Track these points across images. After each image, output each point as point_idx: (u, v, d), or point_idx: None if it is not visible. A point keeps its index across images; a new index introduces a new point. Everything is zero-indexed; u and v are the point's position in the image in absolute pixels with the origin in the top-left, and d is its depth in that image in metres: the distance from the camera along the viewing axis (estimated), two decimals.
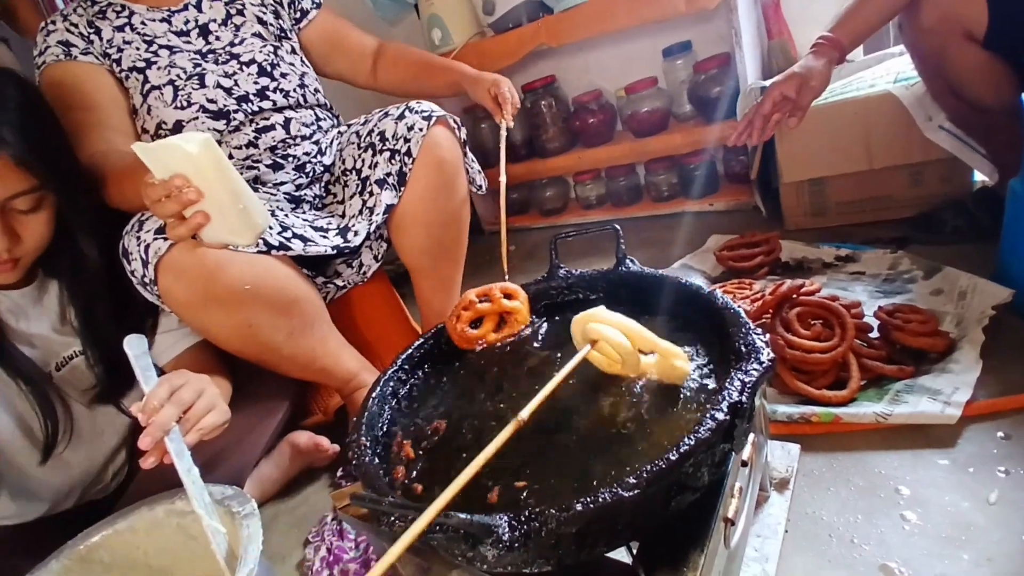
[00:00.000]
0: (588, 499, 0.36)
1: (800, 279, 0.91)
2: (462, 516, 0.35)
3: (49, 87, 0.95)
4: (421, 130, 0.96)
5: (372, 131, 1.02)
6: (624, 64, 1.75)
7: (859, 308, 0.88)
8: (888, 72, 1.21)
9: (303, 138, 1.08)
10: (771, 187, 1.38)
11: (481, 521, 0.35)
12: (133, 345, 0.68)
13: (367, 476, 0.47)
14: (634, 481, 0.36)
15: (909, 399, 0.74)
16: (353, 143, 1.05)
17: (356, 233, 0.96)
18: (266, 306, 0.87)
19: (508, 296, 0.71)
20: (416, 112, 0.98)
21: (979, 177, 1.14)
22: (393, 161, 0.98)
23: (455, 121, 1.02)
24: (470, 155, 1.07)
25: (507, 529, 0.36)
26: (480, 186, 1.10)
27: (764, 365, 0.43)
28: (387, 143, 0.99)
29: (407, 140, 0.97)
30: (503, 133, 1.03)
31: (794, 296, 0.88)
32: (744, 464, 0.48)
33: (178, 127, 0.98)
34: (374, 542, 0.63)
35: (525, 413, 0.42)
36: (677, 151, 1.63)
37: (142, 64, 0.98)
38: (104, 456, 0.90)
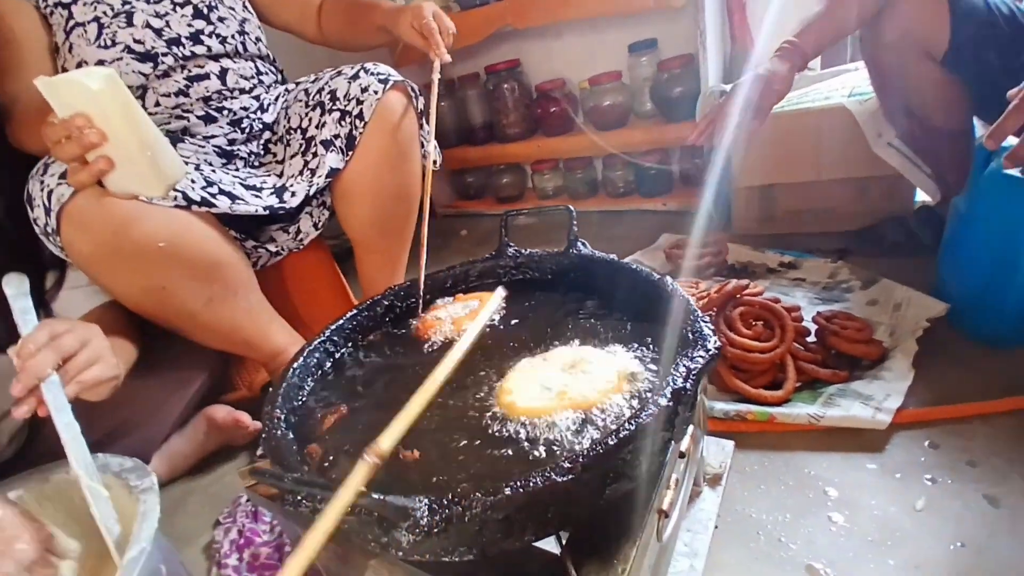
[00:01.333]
0: (518, 483, 0.33)
1: (745, 280, 0.92)
2: (375, 497, 0.31)
3: None
4: (376, 93, 0.90)
5: (322, 89, 0.95)
6: (589, 56, 1.73)
7: (799, 312, 0.89)
8: (843, 86, 1.24)
9: (241, 91, 0.99)
10: (721, 191, 1.39)
11: (396, 503, 0.31)
12: (12, 284, 0.62)
13: (277, 451, 0.42)
14: (568, 465, 0.33)
15: (842, 403, 0.75)
16: (301, 100, 0.97)
17: (293, 194, 0.89)
18: (182, 268, 0.80)
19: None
20: (372, 74, 0.92)
21: (921, 196, 1.19)
22: (343, 123, 0.91)
23: (413, 89, 0.96)
24: (427, 126, 1.02)
25: (426, 512, 0.32)
26: (435, 161, 1.05)
27: (710, 353, 0.41)
28: (338, 103, 0.92)
29: (360, 102, 0.90)
30: (435, 74, 0.90)
31: (738, 296, 0.88)
32: (682, 456, 0.46)
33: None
34: (284, 524, 0.58)
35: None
36: (635, 148, 1.62)
37: None
38: None
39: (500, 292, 0.59)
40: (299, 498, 0.36)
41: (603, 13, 1.48)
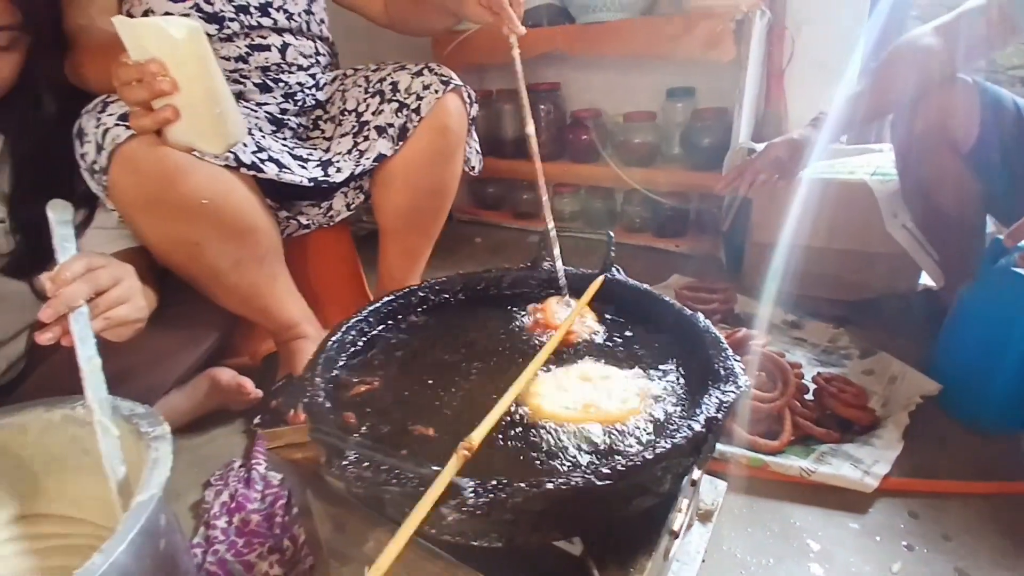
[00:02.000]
0: (560, 480, 0.35)
1: (756, 331, 0.95)
2: (434, 468, 0.33)
3: None
4: (436, 92, 0.93)
5: (384, 79, 0.97)
6: (627, 92, 1.78)
7: (800, 369, 0.93)
8: (868, 164, 1.29)
9: (299, 67, 1.02)
10: (735, 242, 1.44)
11: (452, 480, 0.33)
12: (57, 210, 0.62)
13: (318, 415, 0.44)
14: (607, 471, 0.36)
15: (832, 462, 0.78)
16: (360, 86, 1.00)
17: (339, 170, 0.91)
18: (219, 227, 0.81)
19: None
20: (435, 74, 0.95)
21: (925, 279, 1.23)
22: (400, 114, 0.94)
23: (470, 95, 0.99)
24: (474, 133, 1.05)
25: (472, 493, 0.34)
26: (474, 167, 1.08)
27: (740, 388, 0.44)
28: (398, 95, 0.95)
29: (420, 98, 0.93)
30: (515, 50, 0.81)
31: (746, 344, 0.91)
32: (693, 484, 0.49)
33: None
34: (296, 488, 0.59)
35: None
36: (658, 187, 1.67)
37: None
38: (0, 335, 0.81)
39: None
40: (349, 462, 0.37)
41: (652, 55, 1.53)
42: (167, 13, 0.90)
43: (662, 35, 1.47)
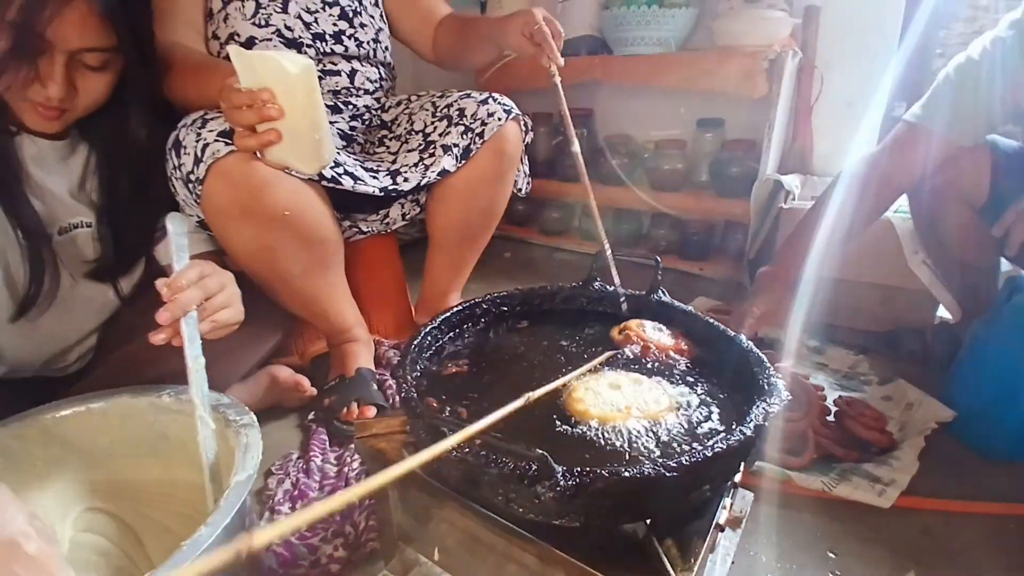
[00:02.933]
0: (635, 469, 0.42)
1: (787, 360, 1.02)
2: (539, 451, 0.40)
3: None
4: (500, 119, 1.02)
5: (451, 104, 1.06)
6: (658, 120, 1.87)
7: (823, 392, 0.99)
8: None
9: (366, 92, 1.11)
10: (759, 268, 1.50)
11: (549, 461, 0.40)
12: (176, 223, 0.68)
13: (418, 406, 0.51)
14: (675, 464, 0.42)
15: (852, 479, 0.84)
16: (427, 110, 1.09)
17: (407, 180, 0.98)
18: (295, 236, 0.89)
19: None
20: (499, 103, 1.04)
21: (942, 312, 1.29)
22: (465, 136, 1.02)
23: (526, 123, 1.08)
24: (526, 158, 1.13)
25: (562, 477, 0.41)
26: (521, 189, 1.16)
27: (782, 401, 0.51)
28: (464, 119, 1.03)
29: (484, 124, 1.02)
30: (556, 79, 0.90)
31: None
32: (735, 486, 0.55)
33: (250, 43, 1.00)
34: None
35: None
36: (684, 213, 1.74)
37: None
38: (77, 334, 0.87)
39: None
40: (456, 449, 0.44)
41: (687, 86, 1.61)
42: (251, 37, 0.99)
43: (696, 69, 1.56)
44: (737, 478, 0.53)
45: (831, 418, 0.96)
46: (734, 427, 0.48)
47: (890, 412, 1.01)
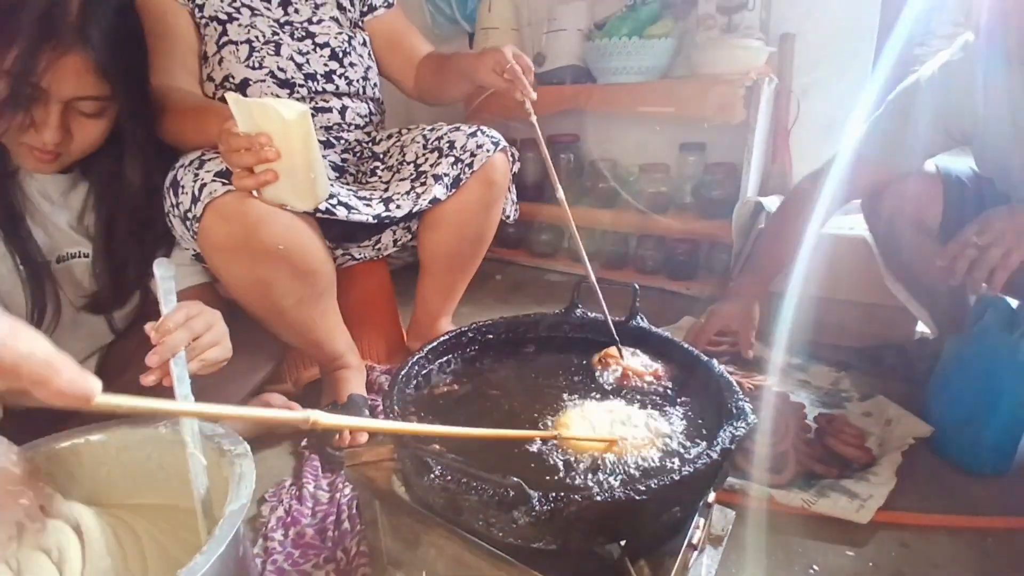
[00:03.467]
0: (608, 493, 0.44)
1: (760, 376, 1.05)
2: (514, 479, 0.42)
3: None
4: (488, 151, 1.06)
5: (442, 137, 1.10)
6: (643, 144, 1.92)
7: (804, 410, 1.02)
8: None
9: (357, 127, 1.15)
10: None
11: (525, 488, 0.43)
12: (163, 267, 0.70)
13: (399, 436, 0.54)
14: (643, 488, 0.45)
15: (831, 495, 0.86)
16: (418, 142, 1.12)
17: (399, 207, 1.01)
18: (288, 269, 0.92)
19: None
20: (487, 135, 1.08)
21: (921, 328, 1.32)
22: (455, 167, 1.06)
23: (514, 155, 1.12)
24: (513, 187, 1.18)
25: (537, 502, 0.44)
26: (509, 216, 1.19)
27: (749, 424, 0.53)
28: (454, 151, 1.07)
29: (473, 155, 1.06)
30: (532, 117, 0.94)
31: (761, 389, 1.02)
32: (708, 506, 0.57)
33: (244, 84, 1.04)
34: (366, 502, 0.67)
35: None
36: (669, 233, 1.78)
37: (224, 17, 1.04)
38: (77, 360, 0.90)
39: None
40: (435, 477, 0.47)
41: (667, 114, 1.66)
42: (245, 79, 1.03)
43: (676, 97, 1.61)
44: (711, 498, 0.55)
45: (811, 435, 0.99)
46: (701, 452, 0.51)
47: (870, 428, 1.04)
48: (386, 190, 1.07)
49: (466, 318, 0.85)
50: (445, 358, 0.74)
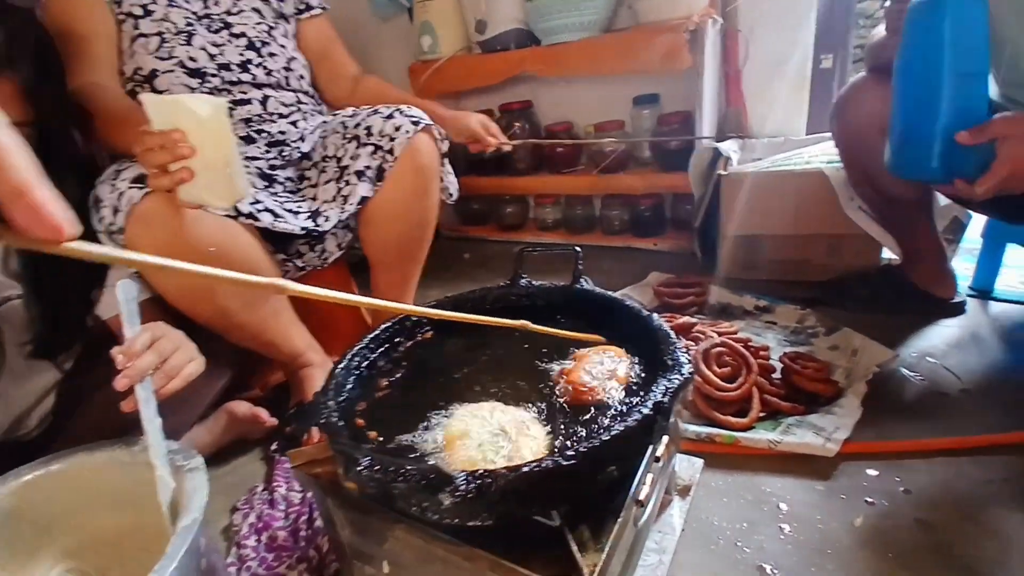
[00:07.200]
0: (534, 464, 0.43)
1: (695, 320, 1.08)
2: (432, 464, 0.41)
3: (54, 6, 0.96)
4: (407, 133, 1.02)
5: (359, 124, 1.06)
6: (596, 103, 1.88)
7: (767, 352, 1.01)
8: (824, 153, 1.38)
9: (280, 116, 1.11)
10: (709, 237, 1.52)
11: (445, 471, 0.41)
12: (124, 290, 0.68)
13: (334, 431, 0.52)
14: (571, 453, 0.44)
15: (798, 432, 0.86)
16: (338, 132, 1.09)
17: (327, 219, 1.00)
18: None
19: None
20: (406, 115, 1.04)
21: (887, 254, 1.31)
22: (375, 156, 1.03)
23: (440, 132, 1.08)
24: (447, 166, 1.14)
25: (464, 482, 0.42)
26: (451, 195, 1.16)
27: (684, 376, 0.52)
28: (372, 137, 1.04)
29: (392, 139, 1.02)
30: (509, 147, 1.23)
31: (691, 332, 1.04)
32: (657, 459, 0.57)
33: (152, 76, 1.00)
34: (319, 499, 0.67)
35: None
36: (633, 191, 1.76)
37: (139, 12, 1.00)
38: (33, 397, 0.88)
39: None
40: (363, 469, 0.46)
41: (614, 71, 1.63)
42: (153, 70, 0.99)
43: (621, 50, 1.57)
44: (659, 451, 0.54)
45: (777, 375, 0.99)
46: (632, 408, 0.49)
47: (837, 361, 1.04)
48: (315, 198, 1.05)
49: (438, 297, 0.84)
50: (387, 346, 0.72)
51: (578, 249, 0.78)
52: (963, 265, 1.30)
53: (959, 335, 1.12)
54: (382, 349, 0.72)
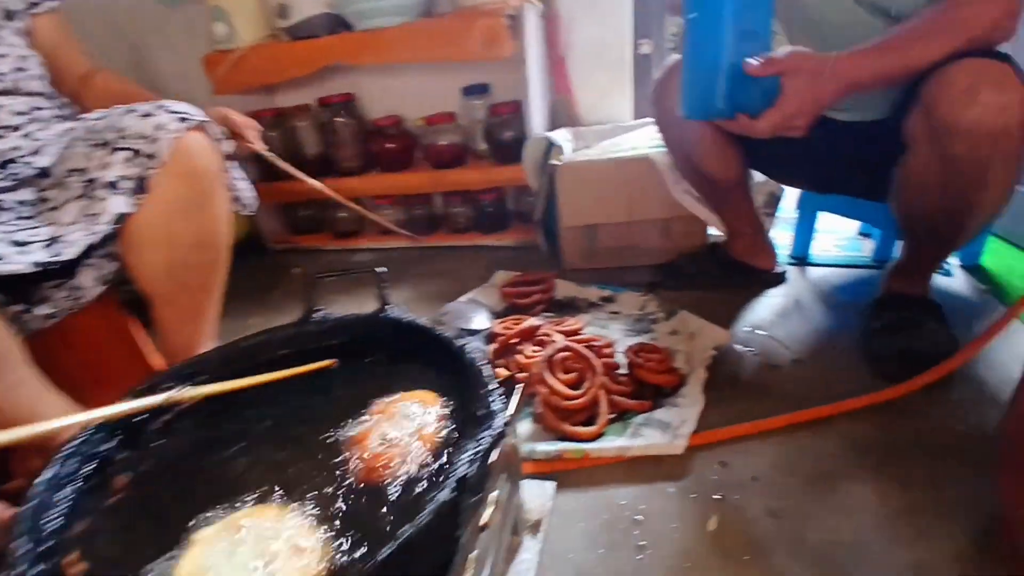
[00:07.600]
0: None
1: (539, 322, 1.03)
2: None
3: None
4: (173, 132, 0.81)
5: (110, 126, 0.83)
6: (425, 95, 1.75)
7: (611, 348, 0.97)
8: (650, 138, 1.39)
9: (10, 128, 0.86)
10: (550, 229, 1.48)
11: None
12: None
13: None
14: (363, 566, 0.32)
15: (645, 432, 0.82)
16: (84, 139, 0.85)
17: (69, 244, 0.77)
18: None
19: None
20: (170, 112, 0.83)
21: (713, 232, 1.36)
22: (132, 163, 0.81)
23: (217, 130, 0.89)
24: (236, 170, 0.95)
25: None
26: (245, 205, 0.97)
27: (496, 433, 0.43)
28: (126, 141, 0.81)
29: (154, 141, 0.81)
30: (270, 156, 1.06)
31: (535, 335, 0.99)
32: (483, 529, 0.47)
33: None
34: None
35: None
36: (473, 186, 1.67)
37: None
38: None
39: None
40: None
41: (435, 58, 1.51)
42: None
43: (441, 36, 1.46)
44: (486, 519, 0.44)
45: (623, 372, 0.95)
46: (427, 501, 0.39)
47: (677, 346, 1.03)
48: (54, 222, 0.81)
49: (258, 328, 0.68)
50: (123, 430, 0.55)
51: (380, 270, 0.66)
52: (782, 235, 1.39)
53: (784, 304, 1.18)
54: (119, 435, 0.54)
